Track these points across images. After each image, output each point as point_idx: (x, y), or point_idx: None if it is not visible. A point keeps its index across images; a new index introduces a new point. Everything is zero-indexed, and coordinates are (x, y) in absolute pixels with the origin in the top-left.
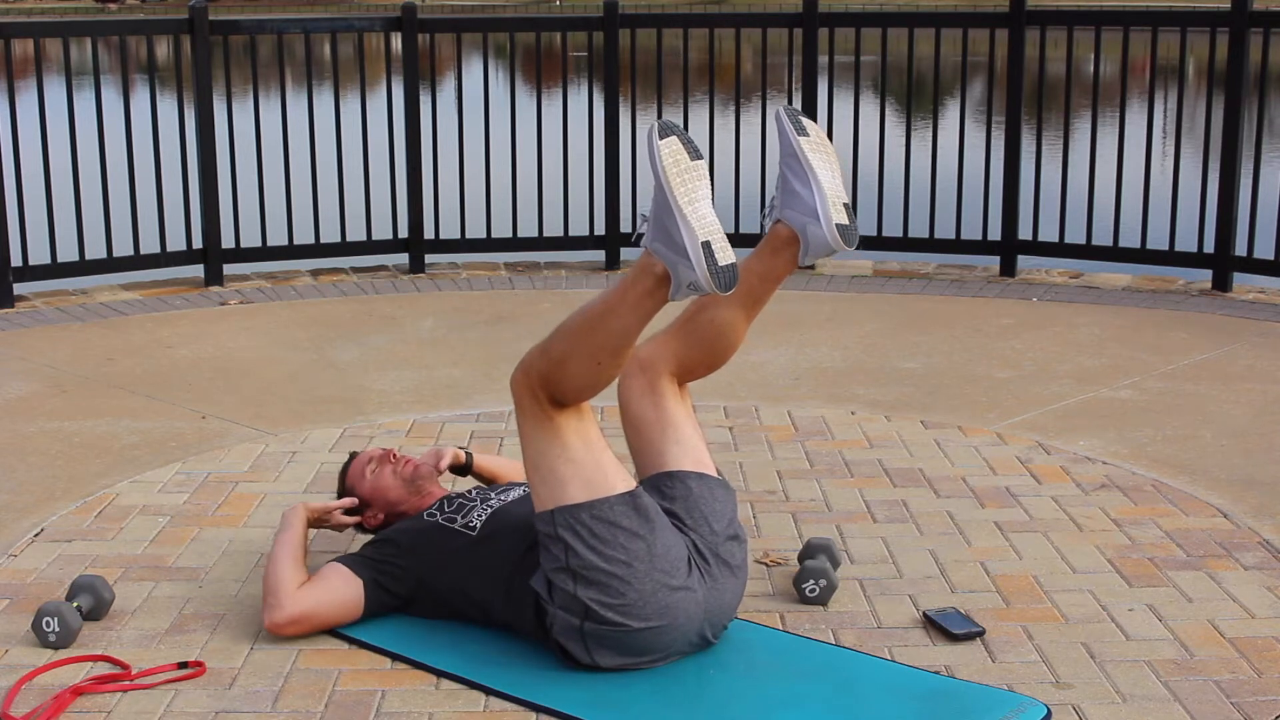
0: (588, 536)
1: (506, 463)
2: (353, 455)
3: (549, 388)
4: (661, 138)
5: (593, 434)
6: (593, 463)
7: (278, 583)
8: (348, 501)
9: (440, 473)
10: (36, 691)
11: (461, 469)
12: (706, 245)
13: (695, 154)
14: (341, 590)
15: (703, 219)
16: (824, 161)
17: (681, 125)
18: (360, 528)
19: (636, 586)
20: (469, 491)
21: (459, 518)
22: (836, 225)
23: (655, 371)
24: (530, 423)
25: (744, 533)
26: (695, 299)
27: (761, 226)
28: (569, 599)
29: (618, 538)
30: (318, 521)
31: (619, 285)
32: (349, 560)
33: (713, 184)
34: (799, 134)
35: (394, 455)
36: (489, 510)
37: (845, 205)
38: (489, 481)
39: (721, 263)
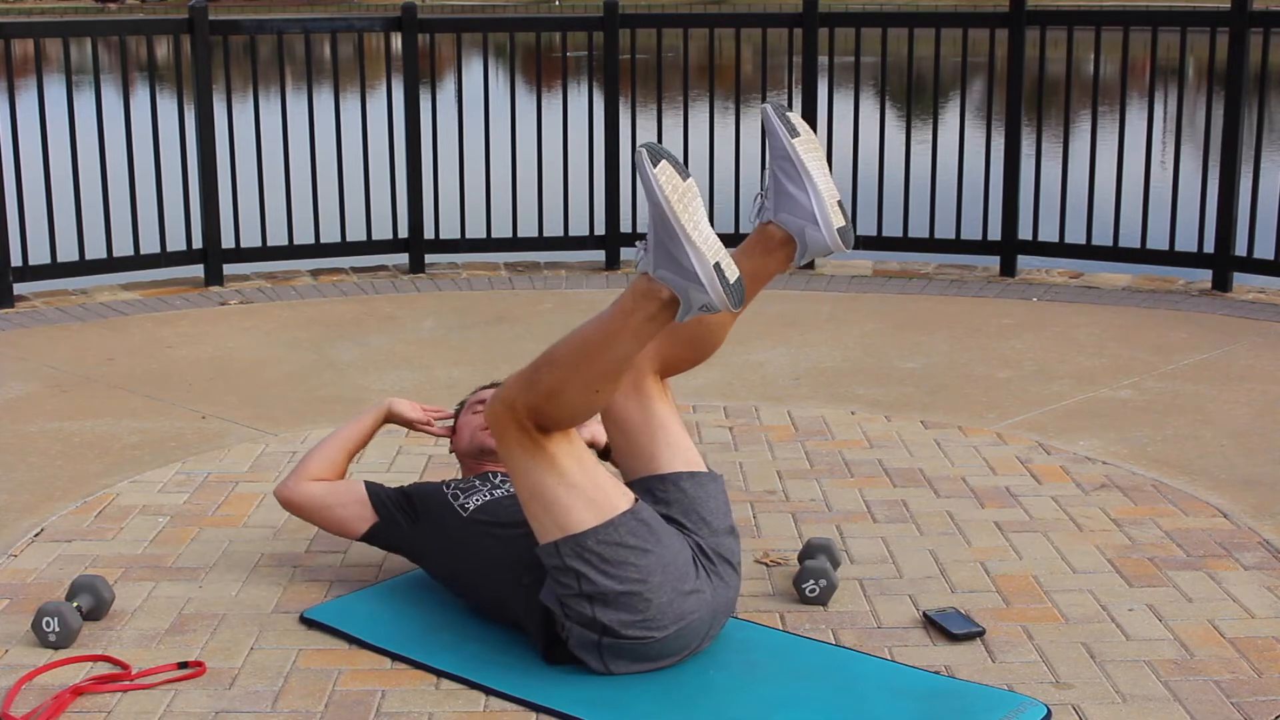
0: (598, 563)
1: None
2: (494, 385)
3: (538, 419)
4: (654, 164)
5: (584, 454)
6: (591, 484)
7: (305, 463)
8: (446, 430)
9: None
10: (36, 691)
11: (602, 453)
12: (717, 266)
13: (684, 174)
14: (347, 507)
15: (707, 240)
16: (816, 161)
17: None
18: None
19: (656, 601)
20: (493, 475)
21: (462, 495)
22: (837, 229)
23: (639, 371)
24: (521, 455)
25: (736, 526)
26: None
27: (752, 223)
28: (587, 620)
29: (628, 558)
30: (407, 422)
31: (616, 312)
32: (375, 491)
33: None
34: (791, 135)
35: None
36: (486, 498)
37: (840, 204)
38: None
39: (732, 280)
